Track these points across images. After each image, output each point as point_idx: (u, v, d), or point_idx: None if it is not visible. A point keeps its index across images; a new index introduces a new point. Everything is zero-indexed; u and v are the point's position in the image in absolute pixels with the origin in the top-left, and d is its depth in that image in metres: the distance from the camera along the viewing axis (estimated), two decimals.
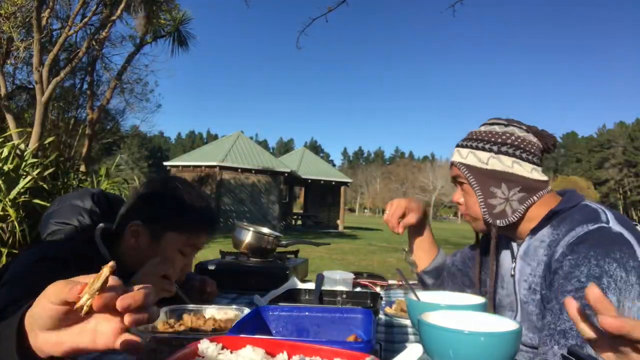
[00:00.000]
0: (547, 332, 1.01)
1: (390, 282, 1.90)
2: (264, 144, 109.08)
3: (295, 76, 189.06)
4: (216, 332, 0.92)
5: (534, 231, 1.19)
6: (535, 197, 1.19)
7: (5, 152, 5.14)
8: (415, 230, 1.51)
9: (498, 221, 1.20)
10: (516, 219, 1.19)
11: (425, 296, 1.08)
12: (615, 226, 1.06)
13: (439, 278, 1.54)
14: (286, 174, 20.39)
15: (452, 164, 1.30)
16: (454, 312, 0.90)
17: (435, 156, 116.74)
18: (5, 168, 4.96)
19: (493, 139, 1.22)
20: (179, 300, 1.19)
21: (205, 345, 0.60)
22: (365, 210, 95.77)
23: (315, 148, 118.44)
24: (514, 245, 1.27)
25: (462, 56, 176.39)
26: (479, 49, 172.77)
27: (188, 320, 0.97)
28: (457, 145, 1.30)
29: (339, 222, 24.64)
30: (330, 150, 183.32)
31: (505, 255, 1.31)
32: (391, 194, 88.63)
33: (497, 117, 1.31)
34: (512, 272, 1.24)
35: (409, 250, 1.55)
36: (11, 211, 4.54)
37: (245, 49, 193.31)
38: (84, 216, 1.27)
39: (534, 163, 1.21)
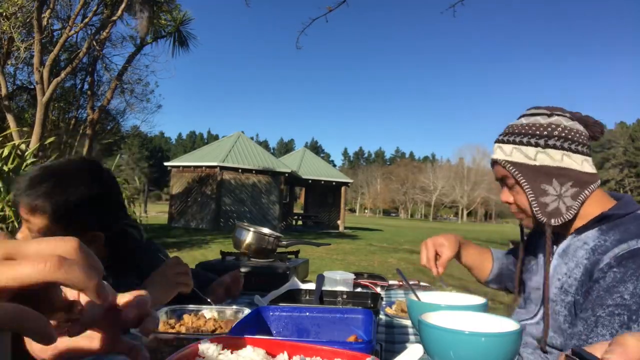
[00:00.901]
0: (577, 341, 0.96)
1: (391, 282, 1.90)
2: (264, 144, 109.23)
3: (295, 76, 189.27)
4: (217, 333, 0.92)
5: (579, 231, 1.13)
6: (587, 192, 1.12)
7: (6, 152, 5.15)
8: (457, 257, 1.47)
9: (552, 220, 1.13)
10: (571, 216, 1.12)
11: (425, 296, 1.08)
12: None
13: (501, 283, 1.52)
14: (287, 174, 20.40)
15: (495, 162, 1.21)
16: (455, 312, 0.90)
17: (435, 156, 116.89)
18: (5, 168, 4.96)
19: (538, 132, 1.14)
20: (195, 299, 1.20)
21: (205, 346, 0.60)
22: (366, 211, 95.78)
23: (315, 148, 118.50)
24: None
25: (463, 56, 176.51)
26: (479, 49, 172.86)
27: (188, 320, 0.97)
28: (497, 141, 1.21)
29: (339, 222, 24.65)
30: (330, 151, 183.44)
31: (543, 249, 1.26)
32: (391, 194, 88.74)
33: (538, 106, 1.23)
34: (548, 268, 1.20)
35: (445, 283, 1.53)
36: (10, 212, 4.55)
37: (245, 49, 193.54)
38: None
39: (584, 154, 1.14)
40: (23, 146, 6.11)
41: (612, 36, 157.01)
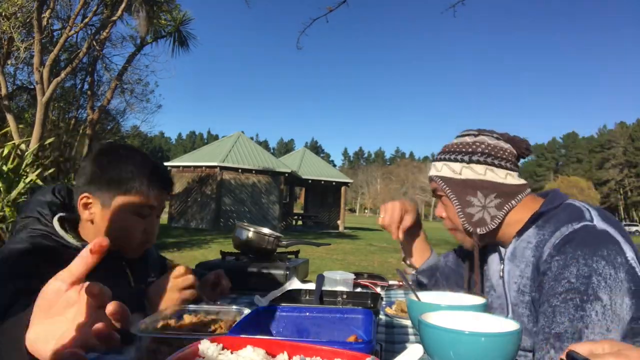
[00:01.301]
0: (542, 336, 1.00)
1: (391, 282, 1.89)
2: (264, 144, 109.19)
3: (295, 76, 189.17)
4: (216, 333, 0.92)
5: (520, 233, 1.20)
6: (513, 202, 1.19)
7: (6, 151, 5.15)
8: (410, 231, 1.49)
9: (478, 229, 1.21)
10: (495, 225, 1.20)
11: (426, 297, 1.08)
12: (599, 223, 1.06)
13: (433, 278, 1.54)
14: (287, 174, 20.39)
15: (430, 179, 1.31)
16: (455, 312, 0.90)
17: (435, 156, 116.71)
18: (5, 168, 4.96)
19: (464, 150, 1.24)
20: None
21: (205, 346, 0.60)
22: (366, 211, 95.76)
23: (315, 148, 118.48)
24: (501, 248, 1.27)
25: (463, 56, 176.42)
26: (480, 48, 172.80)
27: (188, 320, 0.97)
28: (433, 160, 1.33)
29: (339, 222, 24.64)
30: (330, 151, 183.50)
31: (493, 257, 1.31)
32: (392, 194, 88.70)
33: (469, 129, 1.32)
34: (501, 274, 1.25)
35: (406, 256, 1.55)
36: (10, 212, 4.55)
37: (245, 49, 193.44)
38: (43, 208, 1.27)
39: (507, 168, 1.21)
40: (23, 146, 6.11)
41: (613, 36, 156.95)
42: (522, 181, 1.22)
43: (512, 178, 1.21)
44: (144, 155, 1.30)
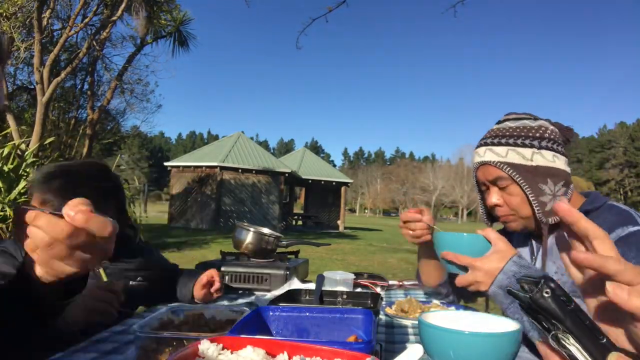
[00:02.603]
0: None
1: (391, 282, 1.90)
2: (264, 145, 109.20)
3: (295, 76, 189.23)
4: (216, 333, 0.92)
5: (556, 228, 1.17)
6: (571, 191, 1.16)
7: (6, 151, 5.15)
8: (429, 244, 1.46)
9: (550, 219, 1.15)
10: None
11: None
12: None
13: (451, 286, 1.51)
14: (287, 174, 20.39)
15: (485, 164, 1.21)
16: (455, 312, 0.90)
17: (435, 156, 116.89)
18: (6, 168, 4.96)
19: (531, 134, 1.17)
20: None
21: (205, 346, 0.60)
22: (366, 211, 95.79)
23: (315, 148, 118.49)
24: (534, 242, 1.25)
25: (463, 56, 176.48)
26: (480, 49, 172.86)
27: (188, 320, 0.97)
28: (486, 144, 1.23)
29: (339, 222, 24.64)
30: (330, 151, 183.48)
31: (524, 252, 1.28)
32: (392, 194, 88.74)
33: (511, 112, 1.26)
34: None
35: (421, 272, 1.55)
36: (10, 212, 4.55)
37: (245, 49, 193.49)
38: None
39: (565, 155, 1.19)
40: (23, 146, 6.11)
41: (613, 36, 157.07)
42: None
43: (567, 166, 1.18)
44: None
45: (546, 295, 0.54)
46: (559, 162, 1.16)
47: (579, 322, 0.53)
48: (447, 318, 0.87)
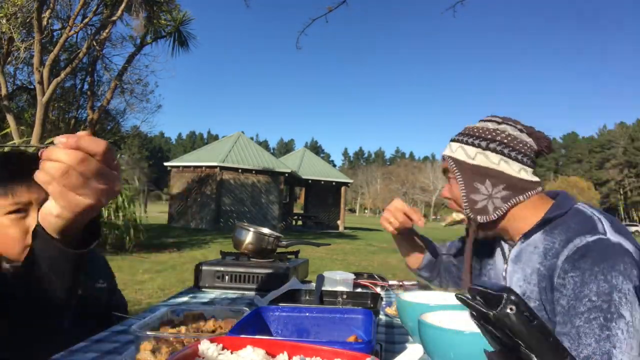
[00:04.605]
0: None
1: (391, 282, 1.89)
2: (264, 145, 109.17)
3: (296, 76, 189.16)
4: (216, 333, 0.92)
5: (527, 235, 1.17)
6: (521, 197, 1.16)
7: (6, 151, 5.14)
8: (405, 231, 1.51)
9: (479, 217, 1.19)
10: (497, 216, 1.17)
11: (416, 297, 1.08)
12: (613, 236, 1.03)
13: (434, 271, 1.56)
14: (287, 175, 20.39)
15: (443, 157, 1.30)
16: (455, 312, 0.90)
17: (435, 157, 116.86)
18: None
19: (483, 135, 1.21)
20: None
21: (205, 346, 0.60)
22: (366, 211, 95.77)
23: (315, 148, 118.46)
24: (506, 247, 1.26)
25: (463, 56, 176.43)
26: (480, 49, 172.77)
27: (188, 320, 0.97)
28: (451, 139, 1.30)
29: (339, 222, 24.64)
30: (330, 151, 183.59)
31: (498, 256, 1.30)
32: (392, 194, 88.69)
33: (495, 115, 1.29)
34: (504, 274, 1.23)
35: (402, 254, 1.59)
36: None
37: (245, 49, 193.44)
38: None
39: (523, 163, 1.18)
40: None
41: (613, 36, 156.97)
42: (536, 178, 1.19)
43: (525, 173, 1.18)
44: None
45: (510, 312, 0.51)
46: (506, 167, 1.17)
47: (543, 339, 0.51)
48: (447, 318, 0.87)
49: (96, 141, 0.67)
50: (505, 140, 1.19)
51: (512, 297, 0.52)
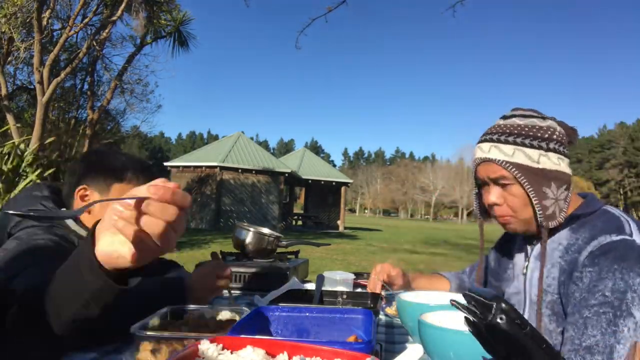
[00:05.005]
0: (571, 346, 0.97)
1: None
2: (264, 145, 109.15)
3: (295, 76, 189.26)
4: (216, 333, 0.92)
5: (552, 232, 1.15)
6: (570, 194, 1.14)
7: (6, 151, 5.15)
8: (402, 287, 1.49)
9: (550, 223, 1.12)
10: (563, 219, 1.12)
11: (417, 297, 1.08)
12: (638, 239, 1.02)
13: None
14: (286, 175, 20.39)
15: (489, 161, 1.15)
16: (455, 312, 0.90)
17: (435, 157, 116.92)
18: (5, 168, 4.96)
19: (539, 135, 1.13)
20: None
21: (205, 346, 0.60)
22: (366, 211, 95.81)
23: (315, 148, 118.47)
24: (528, 247, 1.24)
25: (463, 56, 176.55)
26: (479, 49, 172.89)
27: (188, 320, 0.97)
28: (492, 141, 1.17)
29: (339, 222, 24.63)
30: (330, 151, 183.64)
31: (519, 257, 1.28)
32: (392, 194, 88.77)
33: (518, 107, 1.22)
34: (524, 271, 1.21)
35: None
36: None
37: (245, 49, 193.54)
38: (45, 203, 1.26)
39: (569, 157, 1.15)
40: (23, 146, 6.10)
41: (613, 35, 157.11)
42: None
43: (569, 167, 1.15)
44: (128, 153, 1.39)
45: (501, 321, 0.51)
46: (564, 165, 1.13)
47: (535, 346, 0.51)
48: (447, 318, 0.87)
49: (186, 196, 0.65)
50: (559, 138, 1.14)
51: (503, 306, 0.52)
